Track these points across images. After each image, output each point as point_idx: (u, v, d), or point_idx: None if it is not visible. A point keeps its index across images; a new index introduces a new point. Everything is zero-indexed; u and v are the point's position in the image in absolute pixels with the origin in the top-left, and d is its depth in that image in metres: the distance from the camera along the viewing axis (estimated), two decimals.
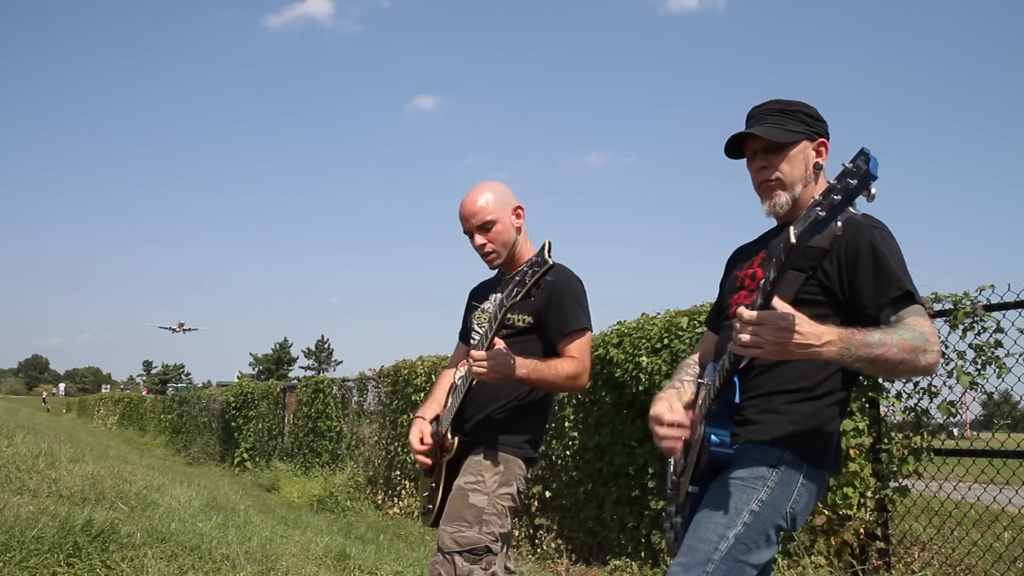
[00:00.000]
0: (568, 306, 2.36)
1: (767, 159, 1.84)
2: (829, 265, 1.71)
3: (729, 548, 1.60)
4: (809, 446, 1.71)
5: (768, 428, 1.71)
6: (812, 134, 1.85)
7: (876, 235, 1.70)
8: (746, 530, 1.62)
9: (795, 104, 1.87)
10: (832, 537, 3.72)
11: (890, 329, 1.57)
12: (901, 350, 1.53)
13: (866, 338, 1.53)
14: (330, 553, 4.49)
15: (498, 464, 2.31)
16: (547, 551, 5.45)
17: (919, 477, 3.83)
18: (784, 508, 1.66)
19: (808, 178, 1.83)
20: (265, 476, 10.54)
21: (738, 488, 1.66)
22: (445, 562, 2.19)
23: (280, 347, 77.36)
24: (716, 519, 1.63)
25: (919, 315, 1.63)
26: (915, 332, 1.56)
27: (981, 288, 3.60)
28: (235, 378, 27.80)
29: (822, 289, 1.72)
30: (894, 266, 1.67)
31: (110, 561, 3.16)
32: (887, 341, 1.53)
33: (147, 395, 30.16)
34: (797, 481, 1.68)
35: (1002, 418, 3.84)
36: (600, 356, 5.12)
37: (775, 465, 1.67)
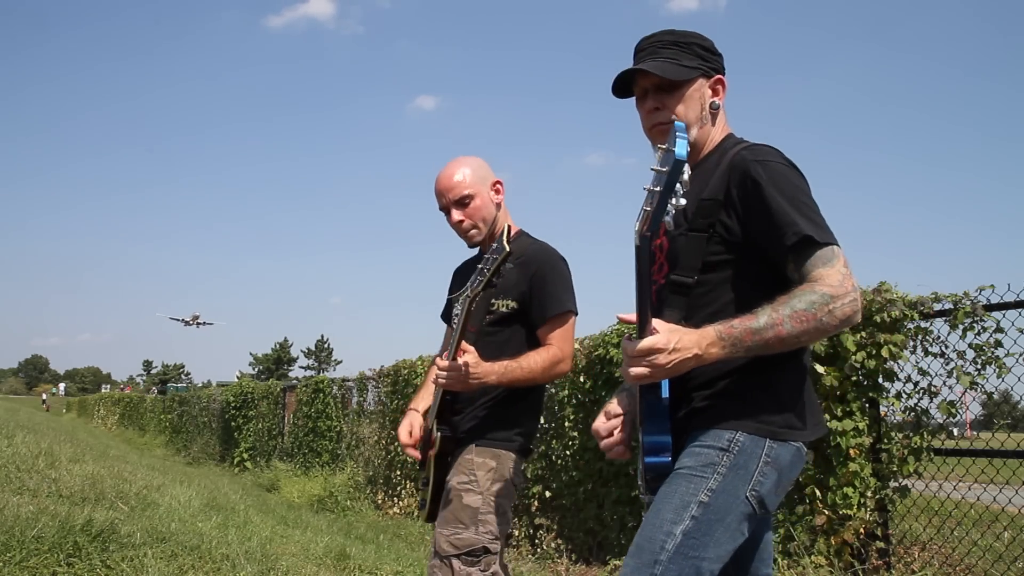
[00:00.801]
0: (550, 288, 2.22)
1: (660, 99, 1.65)
2: (727, 216, 1.55)
3: (677, 546, 1.46)
4: (768, 420, 1.54)
5: (715, 412, 1.56)
6: (708, 70, 1.66)
7: (760, 171, 1.52)
8: (695, 524, 1.48)
9: (689, 35, 1.68)
10: (832, 537, 3.72)
11: (782, 302, 1.42)
12: (795, 323, 1.40)
13: (751, 325, 1.41)
14: (330, 553, 4.49)
15: (490, 460, 2.21)
16: (547, 551, 5.45)
17: (919, 477, 3.82)
18: (742, 493, 1.51)
19: (704, 119, 1.66)
20: (265, 476, 10.53)
21: (685, 479, 1.52)
22: (443, 566, 2.12)
23: (280, 347, 77.37)
24: (663, 515, 1.50)
25: (826, 263, 1.44)
26: (812, 296, 1.40)
27: (981, 288, 3.60)
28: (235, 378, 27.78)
29: (727, 246, 1.56)
30: (784, 206, 1.48)
31: (110, 561, 3.16)
32: (776, 319, 1.40)
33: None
34: (757, 461, 1.52)
35: (1002, 418, 3.84)
36: (600, 356, 5.12)
37: (725, 449, 1.52)
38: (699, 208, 1.57)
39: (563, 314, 2.23)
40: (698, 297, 1.59)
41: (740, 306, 1.52)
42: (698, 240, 1.57)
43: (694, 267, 1.57)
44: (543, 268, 2.24)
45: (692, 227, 1.57)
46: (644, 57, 1.67)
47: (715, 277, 1.58)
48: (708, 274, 1.58)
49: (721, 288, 1.58)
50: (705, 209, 1.56)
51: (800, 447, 1.58)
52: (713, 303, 1.58)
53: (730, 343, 1.43)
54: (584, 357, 5.41)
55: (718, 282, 1.58)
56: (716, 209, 1.55)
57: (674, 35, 1.68)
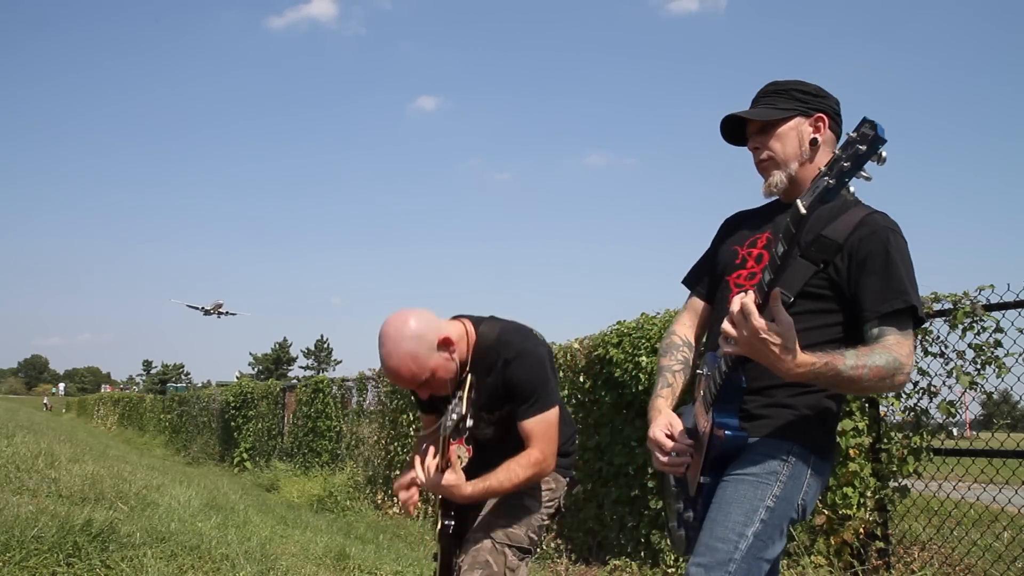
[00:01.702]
0: (523, 391, 2.11)
1: (759, 140, 1.80)
2: (840, 261, 1.67)
3: (749, 547, 1.58)
4: (815, 438, 1.70)
5: (775, 422, 1.69)
6: (807, 110, 1.79)
7: (892, 239, 1.66)
8: (763, 527, 1.60)
9: (790, 83, 1.82)
10: (832, 537, 3.72)
11: (866, 353, 1.55)
12: (871, 375, 1.54)
13: (838, 366, 1.52)
14: (330, 553, 4.49)
15: (551, 481, 2.32)
16: (547, 551, 5.45)
17: (919, 477, 3.82)
18: (796, 501, 1.66)
19: (804, 155, 1.77)
20: (265, 476, 10.53)
21: (752, 484, 1.63)
22: (496, 552, 2.15)
23: (280, 347, 77.39)
24: (733, 517, 1.61)
25: (906, 336, 1.61)
26: (890, 357, 1.55)
27: (981, 288, 3.60)
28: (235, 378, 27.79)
29: (830, 284, 1.69)
30: (903, 275, 1.63)
31: (110, 561, 3.16)
32: (859, 366, 1.53)
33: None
34: (806, 473, 1.67)
35: (1002, 418, 3.84)
36: (600, 356, 5.12)
37: (785, 459, 1.66)
38: (818, 242, 1.68)
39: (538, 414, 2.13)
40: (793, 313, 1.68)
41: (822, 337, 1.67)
42: (807, 268, 1.68)
43: (793, 289, 1.68)
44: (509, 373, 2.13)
45: (805, 255, 1.68)
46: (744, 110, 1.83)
47: (808, 305, 1.70)
48: (802, 300, 1.69)
49: (810, 316, 1.69)
50: (824, 246, 1.67)
51: (831, 468, 1.77)
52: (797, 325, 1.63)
53: (813, 375, 1.52)
54: (584, 357, 5.41)
55: (809, 310, 1.69)
56: (834, 251, 1.66)
57: (776, 84, 1.84)
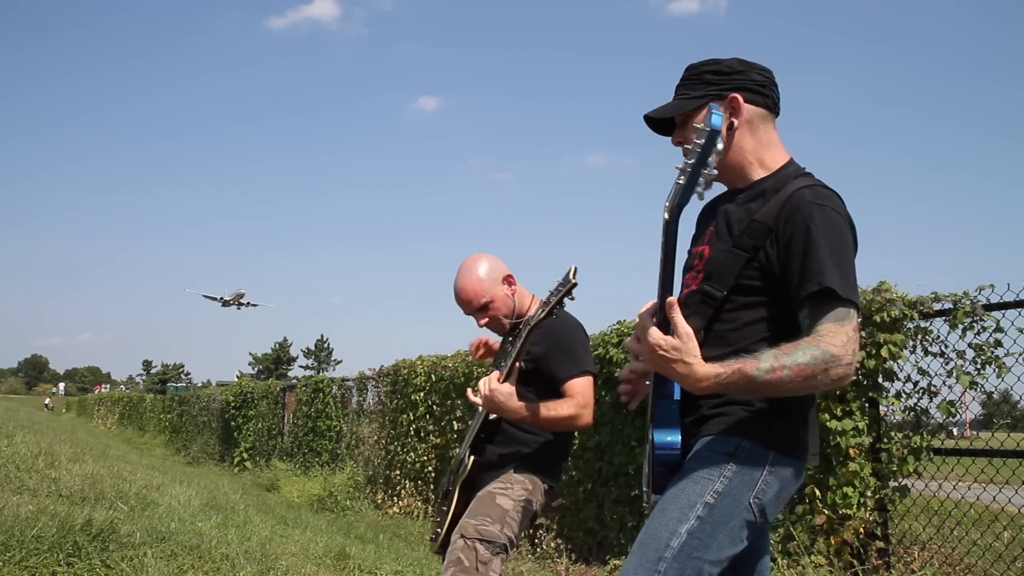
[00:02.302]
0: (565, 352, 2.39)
1: (681, 134, 1.72)
2: (770, 246, 1.56)
3: (682, 544, 1.49)
4: (773, 433, 1.57)
5: (727, 419, 1.59)
6: (719, 92, 1.67)
7: (816, 214, 1.52)
8: (700, 524, 1.50)
9: (703, 65, 1.71)
10: (832, 537, 3.72)
11: (787, 351, 1.43)
12: (793, 374, 1.42)
13: (749, 372, 1.43)
14: (330, 553, 4.49)
15: (527, 482, 2.38)
16: (547, 551, 5.45)
17: (919, 477, 3.82)
18: (746, 499, 1.53)
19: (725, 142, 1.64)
20: (265, 476, 10.54)
21: (692, 480, 1.55)
22: (467, 547, 2.22)
23: (280, 347, 77.43)
24: (668, 514, 1.53)
25: (838, 321, 1.46)
26: (817, 352, 1.42)
27: (981, 288, 3.60)
28: (235, 378, 27.80)
29: (762, 273, 1.58)
30: (824, 253, 1.48)
31: (110, 560, 3.16)
32: (775, 367, 1.42)
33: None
34: (761, 470, 1.55)
35: (1002, 418, 3.84)
36: (600, 356, 5.12)
37: (732, 454, 1.55)
38: (749, 228, 1.60)
39: (575, 375, 2.38)
40: (723, 312, 1.62)
41: (756, 335, 1.58)
42: (739, 258, 1.60)
43: (727, 283, 1.60)
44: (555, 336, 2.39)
45: (737, 244, 1.61)
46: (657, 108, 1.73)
47: (743, 299, 1.61)
48: (738, 295, 1.61)
49: (745, 311, 1.61)
50: (754, 231, 1.59)
51: (800, 464, 1.62)
52: (733, 323, 1.61)
53: (721, 386, 1.46)
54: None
55: (744, 304, 1.61)
56: (764, 235, 1.57)
57: (689, 69, 1.73)
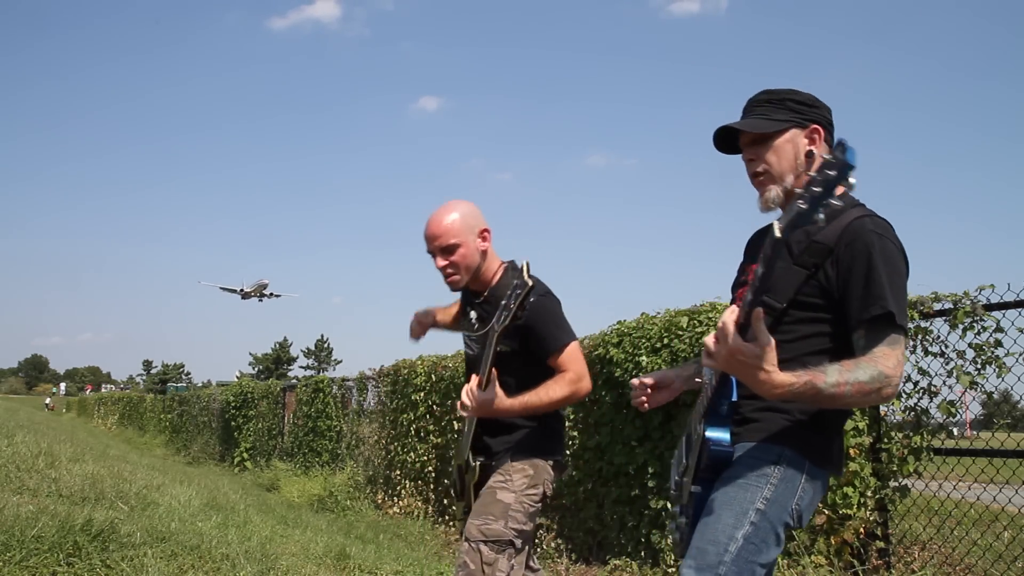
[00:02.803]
0: (546, 328, 2.35)
1: (754, 151, 1.78)
2: (831, 267, 1.64)
3: (739, 549, 1.57)
4: (810, 444, 1.67)
5: (767, 425, 1.68)
6: (802, 121, 1.76)
7: (876, 242, 1.61)
8: (754, 529, 1.58)
9: (784, 92, 1.79)
10: (832, 537, 3.72)
11: (849, 368, 1.52)
12: (854, 390, 1.51)
13: (818, 384, 1.49)
14: (330, 553, 4.48)
15: (528, 468, 2.35)
16: (547, 551, 5.45)
17: (919, 477, 3.82)
18: (790, 505, 1.63)
19: (800, 168, 1.75)
20: (265, 476, 10.53)
21: (742, 487, 1.62)
22: (471, 550, 2.23)
23: (280, 346, 77.38)
24: (723, 520, 1.60)
25: (891, 345, 1.55)
26: (875, 371, 1.51)
27: (981, 288, 3.60)
28: (235, 377, 27.79)
29: (821, 291, 1.66)
30: (884, 281, 1.58)
31: (110, 560, 3.16)
32: (840, 382, 1.50)
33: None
34: (800, 478, 1.64)
35: (1002, 418, 3.84)
36: (600, 356, 5.12)
37: (776, 462, 1.64)
38: (810, 247, 1.66)
39: (563, 347, 2.36)
40: (780, 324, 1.67)
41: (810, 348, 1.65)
42: (798, 275, 1.66)
43: (786, 296, 1.67)
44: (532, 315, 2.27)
45: (797, 262, 1.67)
46: (739, 120, 1.80)
47: (800, 314, 1.68)
48: (796, 309, 1.67)
49: (801, 325, 1.68)
50: (815, 250, 1.65)
51: (828, 476, 1.72)
52: (789, 335, 1.67)
53: (792, 394, 1.51)
54: (584, 356, 5.40)
55: (801, 319, 1.68)
56: (824, 255, 1.64)
57: (769, 93, 1.81)
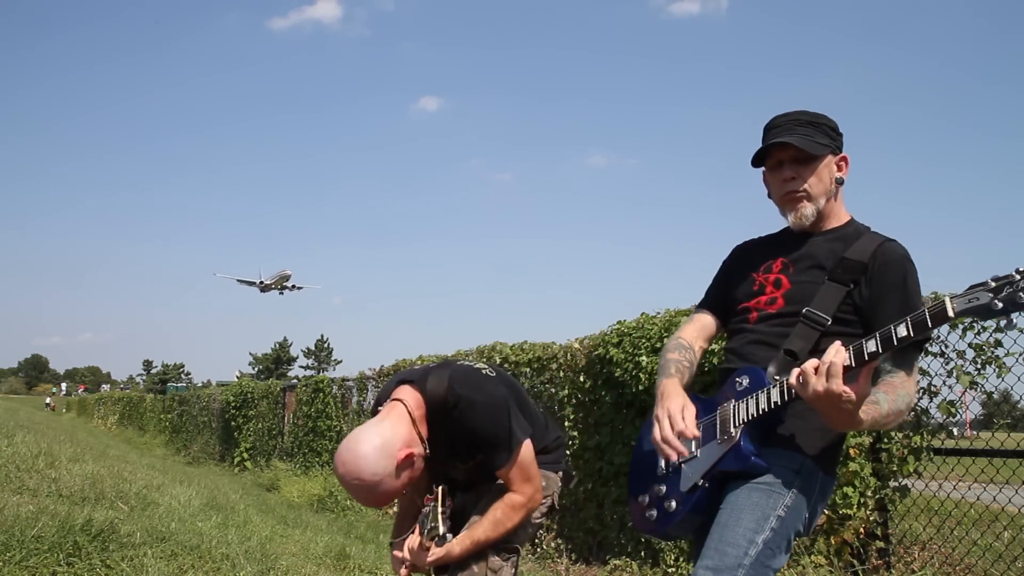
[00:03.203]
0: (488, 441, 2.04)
1: (796, 170, 1.83)
2: (864, 285, 1.72)
3: (758, 553, 1.61)
4: (824, 453, 1.74)
5: (790, 437, 1.73)
6: (835, 148, 1.86)
7: (909, 269, 1.72)
8: (773, 535, 1.63)
9: (821, 117, 1.87)
10: (832, 536, 3.72)
11: (893, 399, 1.61)
12: (894, 419, 1.63)
13: (876, 419, 1.59)
14: (330, 552, 4.48)
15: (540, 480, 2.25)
16: (547, 551, 5.45)
17: (919, 477, 3.82)
18: (804, 513, 1.69)
19: (831, 192, 1.84)
20: (265, 476, 10.53)
21: (765, 493, 1.66)
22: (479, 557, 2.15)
23: (280, 346, 77.37)
24: (745, 523, 1.64)
25: (911, 369, 1.67)
26: (908, 400, 1.63)
27: None
28: (235, 377, 27.80)
29: (854, 308, 1.74)
30: (917, 306, 1.66)
31: (110, 560, 3.16)
32: (889, 414, 1.60)
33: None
34: (815, 487, 1.71)
35: (1002, 418, 3.84)
36: (600, 356, 5.12)
37: (798, 471, 1.69)
38: (843, 263, 1.74)
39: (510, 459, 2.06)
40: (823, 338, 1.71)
41: None
42: (838, 290, 1.73)
43: (830, 312, 1.73)
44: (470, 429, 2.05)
45: (832, 277, 1.74)
46: (781, 132, 1.84)
47: (837, 329, 1.73)
48: (835, 324, 1.73)
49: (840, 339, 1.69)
50: (849, 266, 1.73)
51: (834, 483, 1.80)
52: None
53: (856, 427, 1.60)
54: (584, 357, 5.41)
55: (838, 333, 1.72)
56: (859, 272, 1.71)
57: (808, 115, 1.86)
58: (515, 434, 2.05)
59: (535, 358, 6.01)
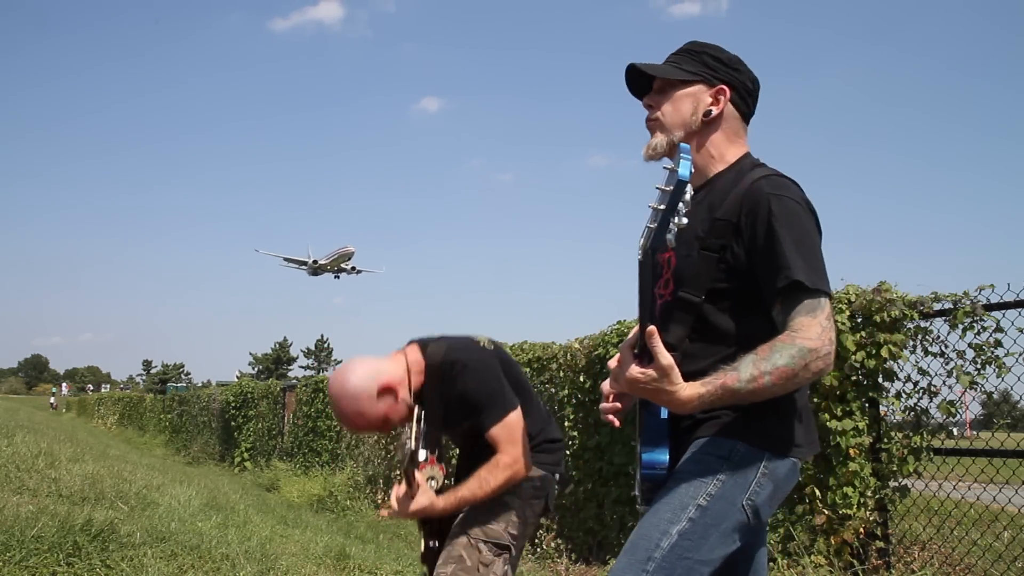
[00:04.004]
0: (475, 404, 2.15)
1: (654, 98, 1.69)
2: (737, 244, 1.54)
3: (672, 545, 1.49)
4: (766, 434, 1.56)
5: (721, 421, 1.58)
6: (711, 78, 1.66)
7: (774, 205, 1.50)
8: (691, 525, 1.51)
9: (706, 46, 1.69)
10: (832, 537, 3.72)
11: (764, 356, 1.42)
12: (774, 378, 1.41)
13: (731, 386, 1.42)
14: (330, 552, 4.48)
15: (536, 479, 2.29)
16: (547, 551, 5.45)
17: (919, 477, 3.82)
18: (739, 501, 1.53)
19: (693, 125, 1.65)
20: (265, 476, 10.53)
21: (684, 483, 1.55)
22: (470, 546, 2.17)
23: (280, 346, 77.34)
24: (661, 514, 1.54)
25: (810, 313, 1.44)
26: (794, 350, 1.41)
27: (981, 288, 3.60)
28: (235, 378, 27.79)
29: (732, 273, 1.55)
30: (786, 247, 1.47)
31: (110, 560, 3.16)
32: (756, 374, 1.41)
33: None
34: (755, 472, 1.54)
35: (1002, 418, 3.84)
36: (600, 356, 5.12)
37: (726, 457, 1.55)
38: (712, 228, 1.56)
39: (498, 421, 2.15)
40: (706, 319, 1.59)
41: (739, 334, 1.55)
42: (709, 259, 1.56)
43: (703, 286, 1.57)
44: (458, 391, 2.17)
45: (704, 246, 1.57)
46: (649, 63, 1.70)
47: (720, 302, 1.58)
48: (713, 297, 1.58)
49: (723, 314, 1.59)
50: (718, 230, 1.55)
51: (796, 462, 1.61)
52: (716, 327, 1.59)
53: (707, 404, 1.45)
54: (584, 357, 5.41)
55: (722, 308, 1.59)
56: (728, 232, 1.54)
57: (692, 44, 1.71)
58: (506, 396, 2.17)
59: (535, 358, 6.01)
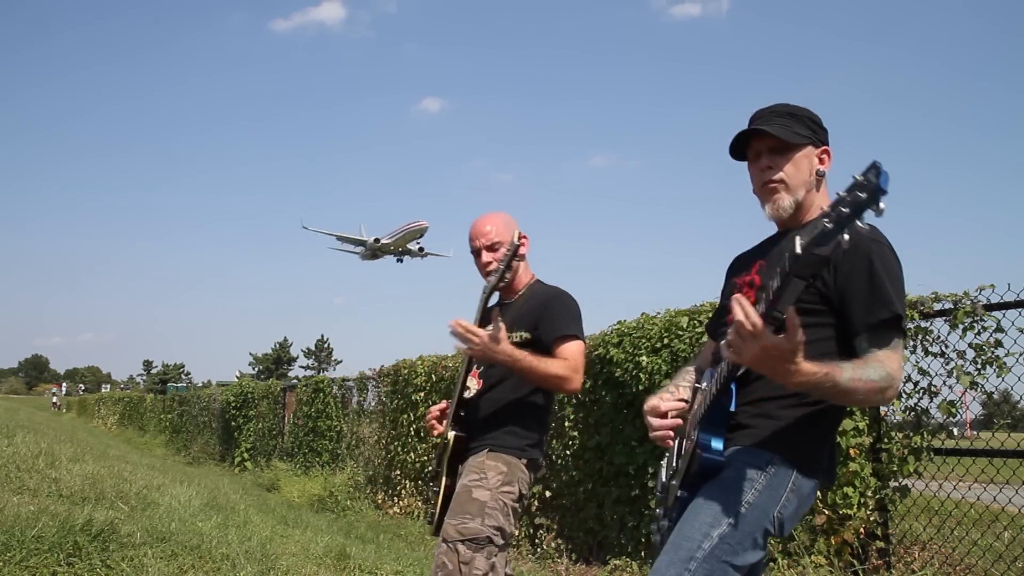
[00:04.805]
0: (559, 315, 2.52)
1: (772, 159, 1.80)
2: (828, 274, 1.68)
3: (713, 547, 1.59)
4: (799, 452, 1.69)
5: (759, 432, 1.70)
6: (817, 140, 1.82)
7: (875, 250, 1.67)
8: (731, 530, 1.60)
9: (802, 109, 1.84)
10: (832, 536, 3.72)
11: (861, 366, 1.56)
12: (864, 388, 1.54)
13: (836, 378, 1.52)
14: (330, 553, 4.48)
15: (501, 465, 2.39)
16: (547, 551, 5.45)
17: (919, 477, 3.82)
18: (772, 512, 1.65)
19: (810, 184, 1.80)
20: (265, 476, 10.53)
21: (726, 489, 1.64)
22: (449, 551, 2.27)
23: (280, 347, 77.33)
24: (702, 518, 1.63)
25: (895, 349, 1.62)
26: (883, 372, 1.56)
27: (981, 288, 3.60)
28: (235, 378, 27.79)
29: (820, 297, 1.70)
30: (888, 287, 1.64)
31: (110, 560, 3.16)
32: (855, 379, 1.53)
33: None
34: (786, 486, 1.66)
35: (1002, 418, 3.84)
36: (600, 356, 5.12)
37: (764, 468, 1.66)
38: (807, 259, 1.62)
39: (571, 336, 2.48)
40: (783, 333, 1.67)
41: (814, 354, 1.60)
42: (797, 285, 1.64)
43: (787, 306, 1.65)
44: (553, 301, 2.55)
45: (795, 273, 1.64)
46: (760, 124, 1.82)
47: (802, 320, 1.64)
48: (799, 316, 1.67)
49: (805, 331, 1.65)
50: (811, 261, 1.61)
51: (816, 484, 1.72)
52: None
53: (812, 385, 1.51)
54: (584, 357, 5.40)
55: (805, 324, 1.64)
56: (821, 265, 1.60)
57: (788, 107, 1.84)
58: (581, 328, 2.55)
59: None
